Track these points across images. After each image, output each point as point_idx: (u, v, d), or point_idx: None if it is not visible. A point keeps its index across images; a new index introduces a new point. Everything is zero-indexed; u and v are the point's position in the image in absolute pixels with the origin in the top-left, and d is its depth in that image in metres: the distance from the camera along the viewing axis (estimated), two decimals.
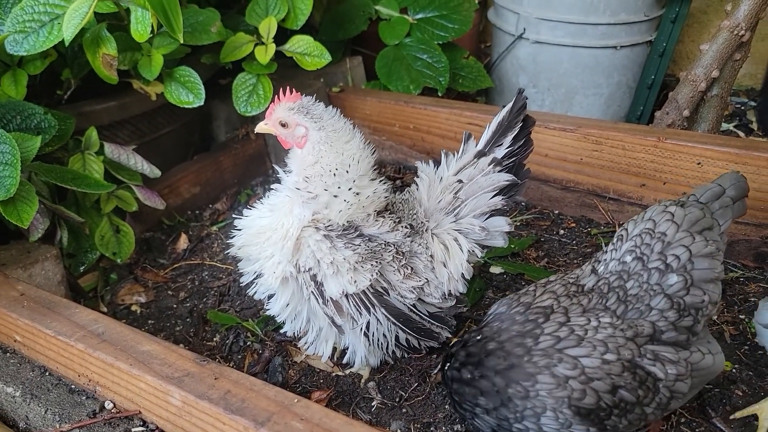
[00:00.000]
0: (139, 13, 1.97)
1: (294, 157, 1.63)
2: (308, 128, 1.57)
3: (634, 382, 1.23)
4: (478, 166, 1.75)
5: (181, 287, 2.30)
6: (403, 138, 2.91)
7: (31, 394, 1.51)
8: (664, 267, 1.28)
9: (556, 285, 1.39)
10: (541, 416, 1.27)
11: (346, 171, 1.60)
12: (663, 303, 1.28)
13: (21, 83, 2.06)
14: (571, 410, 1.22)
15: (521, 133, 1.74)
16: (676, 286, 1.28)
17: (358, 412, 1.75)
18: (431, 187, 1.80)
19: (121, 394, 1.47)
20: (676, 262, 1.28)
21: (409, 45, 3.05)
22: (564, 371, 1.24)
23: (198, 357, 1.44)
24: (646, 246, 1.30)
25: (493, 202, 1.75)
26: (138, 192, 2.22)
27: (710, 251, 1.30)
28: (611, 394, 1.23)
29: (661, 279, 1.28)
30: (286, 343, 1.98)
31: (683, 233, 1.28)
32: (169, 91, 2.26)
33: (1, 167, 1.69)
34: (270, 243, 1.66)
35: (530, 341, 1.30)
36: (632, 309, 1.29)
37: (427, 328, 1.77)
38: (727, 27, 2.45)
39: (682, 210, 1.30)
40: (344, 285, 1.62)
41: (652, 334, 1.26)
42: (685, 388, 1.27)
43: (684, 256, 1.27)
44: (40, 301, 1.65)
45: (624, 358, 1.23)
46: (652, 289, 1.29)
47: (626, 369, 1.24)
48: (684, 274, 1.27)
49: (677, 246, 1.29)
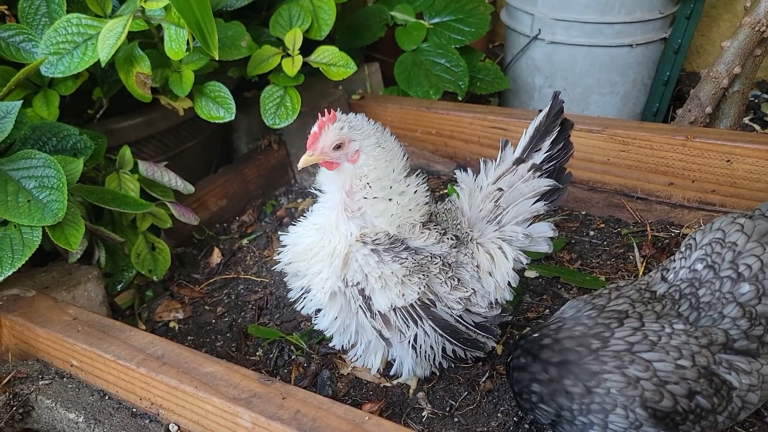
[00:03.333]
0: (173, 30, 1.96)
1: (342, 173, 1.62)
2: (360, 140, 1.57)
3: (710, 389, 1.25)
4: (517, 173, 1.76)
5: (217, 302, 2.30)
6: (426, 143, 2.92)
7: (94, 419, 1.51)
8: (736, 276, 1.30)
9: (630, 290, 1.41)
10: (610, 413, 1.29)
11: (393, 170, 1.62)
12: (735, 311, 1.30)
13: (53, 104, 2.06)
14: (647, 412, 1.24)
15: (559, 136, 1.75)
16: (748, 294, 1.30)
17: (409, 423, 1.76)
18: (472, 196, 1.81)
19: (186, 417, 1.48)
20: (747, 271, 1.30)
21: (426, 50, 3.05)
22: (635, 372, 1.26)
23: (262, 377, 1.45)
24: (717, 255, 1.32)
25: (535, 208, 1.76)
26: (172, 208, 2.22)
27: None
28: (688, 399, 1.25)
29: (733, 287, 1.30)
30: (332, 356, 1.99)
31: (754, 243, 1.31)
32: (200, 106, 2.26)
33: (47, 192, 1.69)
34: (317, 260, 1.66)
35: (597, 343, 1.32)
36: (705, 316, 1.31)
37: (473, 338, 1.78)
38: (748, 23, 2.48)
39: (752, 222, 1.33)
40: (392, 298, 1.63)
41: (725, 342, 1.28)
42: (756, 399, 1.29)
43: (756, 265, 1.29)
44: (93, 324, 1.65)
45: (700, 365, 1.25)
46: (724, 298, 1.30)
47: (702, 375, 1.25)
48: (756, 283, 1.29)
49: (749, 256, 1.31)
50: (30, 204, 1.69)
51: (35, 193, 1.70)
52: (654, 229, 2.40)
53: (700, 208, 2.37)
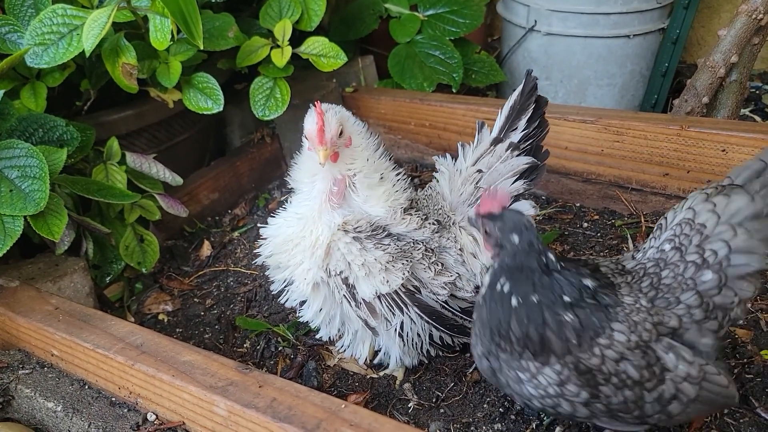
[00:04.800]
0: (158, 20, 1.95)
1: (344, 157, 1.59)
2: (347, 124, 1.56)
3: (641, 361, 1.22)
4: (495, 153, 1.74)
5: (207, 294, 2.29)
6: (419, 136, 2.90)
7: (73, 408, 1.50)
8: (701, 261, 1.26)
9: (607, 261, 1.39)
10: (546, 366, 1.26)
11: (374, 150, 1.64)
12: (693, 299, 1.27)
13: (41, 96, 2.05)
14: (572, 366, 1.23)
15: (535, 114, 1.74)
16: (709, 284, 1.26)
17: (395, 414, 1.74)
18: (452, 180, 1.79)
19: (163, 406, 1.47)
20: (712, 258, 1.26)
21: (420, 42, 3.03)
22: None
23: (240, 365, 1.43)
24: (685, 236, 1.29)
25: (514, 188, 1.75)
26: (161, 200, 2.21)
27: (750, 246, 1.27)
28: (615, 363, 1.23)
29: (695, 274, 1.27)
30: (319, 347, 1.97)
31: (724, 227, 1.26)
32: (188, 98, 2.25)
33: (30, 181, 1.69)
34: (299, 250, 1.65)
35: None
36: (661, 298, 1.28)
37: (460, 324, 1.76)
38: (745, 11, 2.44)
39: (725, 199, 1.27)
40: (377, 285, 1.61)
41: (676, 328, 1.25)
42: (692, 393, 1.24)
43: (722, 252, 1.25)
44: (74, 314, 1.64)
45: (641, 337, 1.23)
46: (685, 283, 1.27)
47: (638, 346, 1.23)
48: (719, 272, 1.25)
49: (716, 240, 1.27)
50: (12, 193, 1.68)
51: (17, 183, 1.70)
52: (649, 221, 2.37)
53: None
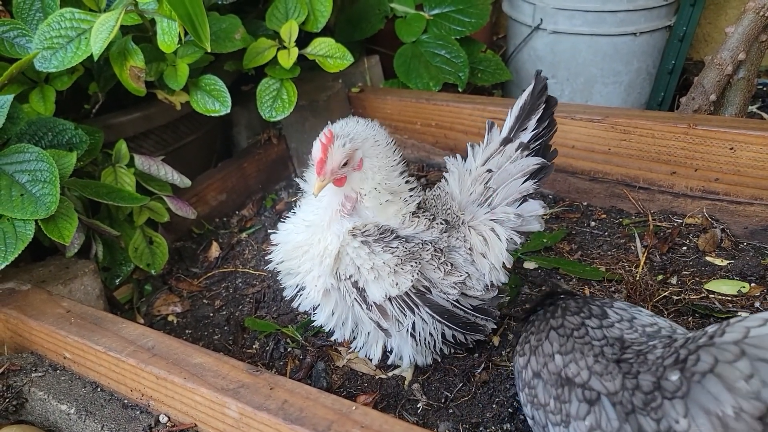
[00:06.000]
0: (165, 23, 1.96)
1: (352, 180, 1.58)
2: (361, 147, 1.55)
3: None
4: (505, 153, 1.74)
5: (216, 295, 2.30)
6: (426, 135, 2.90)
7: (86, 410, 1.51)
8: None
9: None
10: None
11: (392, 165, 1.61)
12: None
13: (49, 99, 2.07)
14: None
15: (545, 114, 1.73)
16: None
17: (404, 415, 1.75)
18: (461, 179, 1.79)
19: (175, 408, 1.47)
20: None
21: (426, 42, 3.03)
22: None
23: (251, 367, 1.44)
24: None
25: (524, 188, 1.74)
26: (169, 202, 2.23)
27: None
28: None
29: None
30: (327, 348, 1.98)
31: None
32: (195, 100, 2.25)
33: (40, 185, 1.70)
34: (308, 257, 1.65)
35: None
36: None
37: (472, 321, 1.76)
38: (753, 8, 2.42)
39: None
40: (386, 288, 1.61)
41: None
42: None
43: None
44: (86, 317, 1.66)
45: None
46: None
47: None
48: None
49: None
50: (23, 198, 1.69)
51: (28, 187, 1.71)
52: (656, 219, 2.36)
53: (704, 197, 2.32)
